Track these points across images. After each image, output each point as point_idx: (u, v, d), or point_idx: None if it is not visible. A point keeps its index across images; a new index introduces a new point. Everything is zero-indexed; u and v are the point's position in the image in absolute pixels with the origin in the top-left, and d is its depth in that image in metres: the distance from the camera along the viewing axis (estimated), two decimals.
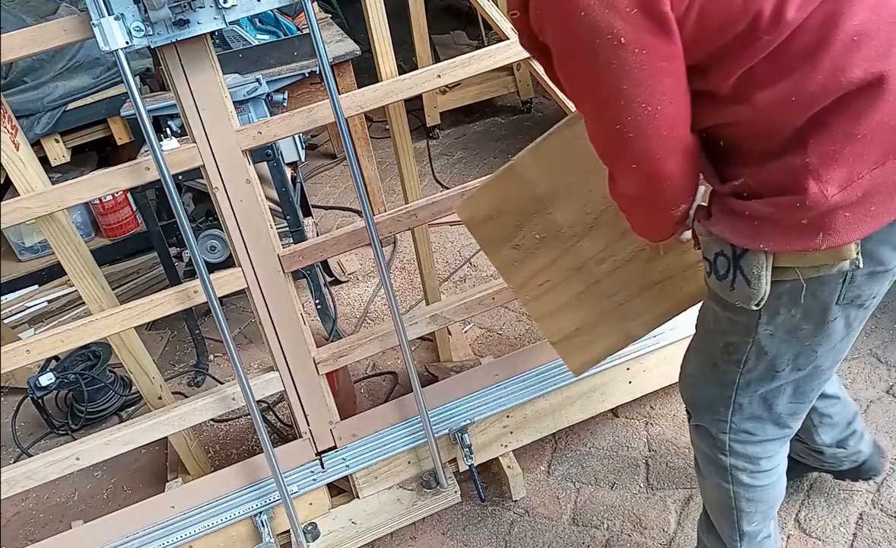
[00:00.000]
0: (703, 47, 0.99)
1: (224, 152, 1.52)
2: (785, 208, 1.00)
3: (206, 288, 1.55)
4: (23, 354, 1.59)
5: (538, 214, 1.53)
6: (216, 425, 2.47)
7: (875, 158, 0.96)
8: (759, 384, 1.23)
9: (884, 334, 2.16)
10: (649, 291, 1.59)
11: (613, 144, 1.06)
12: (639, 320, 1.61)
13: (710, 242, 1.13)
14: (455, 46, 4.33)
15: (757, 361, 1.20)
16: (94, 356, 2.55)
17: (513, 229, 1.54)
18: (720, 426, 1.32)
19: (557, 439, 2.09)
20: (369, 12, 1.59)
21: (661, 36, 0.95)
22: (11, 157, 1.56)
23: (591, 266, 1.57)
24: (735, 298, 1.11)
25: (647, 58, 0.95)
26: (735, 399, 1.27)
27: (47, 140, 3.22)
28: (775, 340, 1.16)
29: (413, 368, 1.73)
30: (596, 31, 0.93)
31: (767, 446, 1.33)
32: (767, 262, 1.05)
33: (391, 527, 1.85)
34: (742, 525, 1.42)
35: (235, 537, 1.84)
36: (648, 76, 0.96)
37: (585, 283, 1.58)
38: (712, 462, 1.38)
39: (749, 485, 1.36)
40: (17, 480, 1.67)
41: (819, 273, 1.05)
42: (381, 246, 1.60)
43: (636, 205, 1.18)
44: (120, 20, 1.30)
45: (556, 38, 1.01)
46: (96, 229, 3.38)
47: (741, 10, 0.94)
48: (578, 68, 1.00)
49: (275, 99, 2.53)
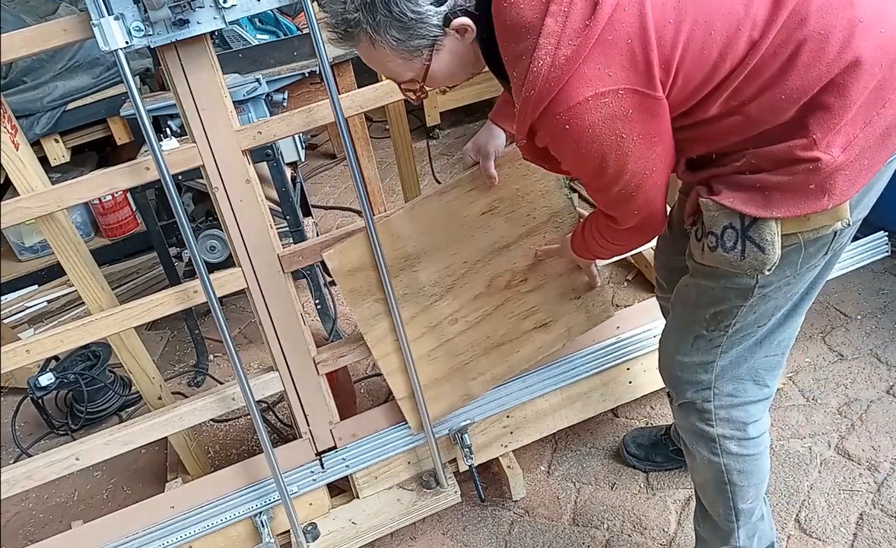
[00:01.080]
0: (687, 101, 1.08)
1: (224, 152, 1.52)
2: (795, 175, 1.06)
3: (206, 288, 1.55)
4: (22, 354, 1.59)
5: (404, 271, 1.66)
6: (216, 425, 2.47)
7: (864, 118, 1.04)
8: (743, 342, 1.29)
9: (884, 334, 2.16)
10: (491, 352, 1.78)
11: (618, 203, 1.17)
12: (479, 379, 1.79)
13: (718, 216, 1.15)
14: None
15: (745, 321, 1.26)
16: (94, 356, 2.55)
17: (378, 283, 1.64)
18: (704, 395, 1.36)
19: (557, 439, 2.09)
20: None
21: (654, 119, 1.05)
22: (11, 157, 1.56)
23: (445, 325, 1.72)
24: (745, 267, 1.15)
25: (644, 140, 1.05)
26: (717, 363, 1.32)
27: (47, 140, 3.22)
28: (767, 298, 1.22)
29: (413, 367, 1.73)
30: (602, 139, 1.02)
31: (750, 409, 1.37)
32: (778, 228, 1.10)
33: (391, 527, 1.85)
34: (737, 502, 1.44)
35: (235, 538, 1.84)
36: (645, 151, 1.07)
37: (438, 341, 1.74)
38: (700, 437, 1.41)
39: (738, 454, 1.39)
40: (17, 480, 1.67)
41: (819, 234, 1.12)
42: (381, 246, 1.61)
43: (634, 232, 1.28)
44: (120, 20, 1.30)
45: (566, 153, 1.09)
46: (96, 229, 3.38)
47: (719, 63, 1.03)
48: (588, 166, 1.09)
49: (275, 99, 2.53)
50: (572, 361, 1.90)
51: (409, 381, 1.73)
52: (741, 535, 1.48)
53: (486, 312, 1.74)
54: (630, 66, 0.98)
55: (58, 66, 3.17)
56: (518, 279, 1.73)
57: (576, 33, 0.95)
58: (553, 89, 0.98)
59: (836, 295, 2.33)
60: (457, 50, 1.08)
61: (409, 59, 1.07)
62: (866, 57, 1.01)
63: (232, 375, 2.45)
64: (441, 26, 1.04)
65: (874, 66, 1.02)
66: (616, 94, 0.98)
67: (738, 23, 1.02)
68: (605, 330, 1.93)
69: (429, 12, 1.02)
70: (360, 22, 1.03)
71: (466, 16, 1.04)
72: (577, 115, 0.99)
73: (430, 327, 1.72)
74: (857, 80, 1.02)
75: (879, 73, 1.02)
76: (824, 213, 1.09)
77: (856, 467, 1.82)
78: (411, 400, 1.76)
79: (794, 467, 1.85)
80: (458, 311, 1.72)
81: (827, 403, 2.00)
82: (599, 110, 0.99)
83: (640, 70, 0.99)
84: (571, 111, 0.99)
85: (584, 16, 0.95)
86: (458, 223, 1.64)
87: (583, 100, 0.98)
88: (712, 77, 1.04)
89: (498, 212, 1.66)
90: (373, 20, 1.02)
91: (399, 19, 1.02)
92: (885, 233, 2.06)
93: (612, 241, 1.35)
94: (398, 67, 1.10)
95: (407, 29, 1.03)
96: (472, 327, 1.75)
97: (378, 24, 1.02)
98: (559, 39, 0.96)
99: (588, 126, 1.00)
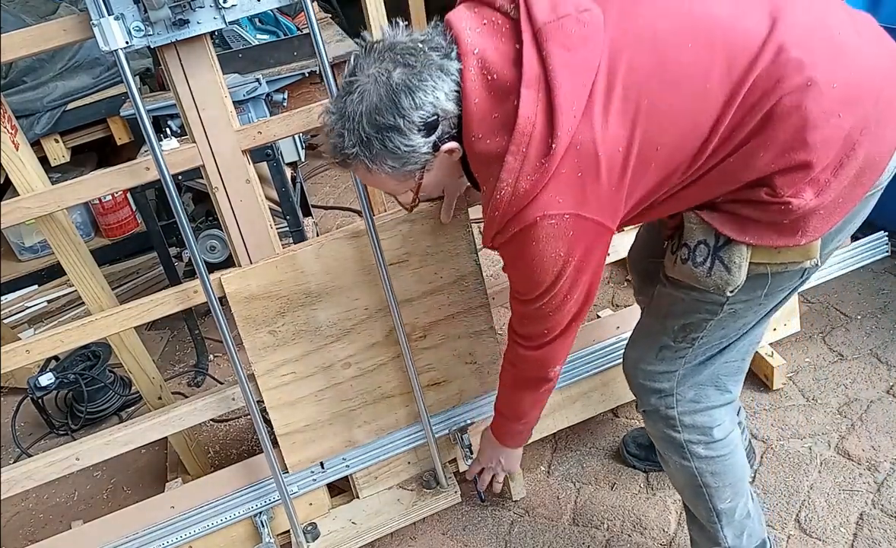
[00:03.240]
0: (647, 199, 1.17)
1: (224, 152, 1.52)
2: (768, 213, 1.12)
3: (205, 288, 1.55)
4: (22, 355, 1.59)
5: (304, 308, 1.66)
6: (216, 425, 2.47)
7: (835, 165, 1.08)
8: (707, 353, 1.33)
9: (884, 334, 2.16)
10: (380, 403, 1.79)
11: (534, 319, 1.26)
12: (365, 428, 1.81)
13: (696, 229, 1.20)
14: None
15: (712, 335, 1.31)
16: (94, 356, 2.55)
17: (275, 315, 1.65)
18: (667, 402, 1.39)
19: (557, 439, 2.09)
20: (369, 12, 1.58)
21: (593, 248, 1.16)
22: (11, 157, 1.55)
23: (337, 368, 1.73)
24: (709, 284, 1.20)
25: (576, 267, 1.16)
26: (678, 372, 1.36)
27: (47, 140, 3.22)
28: (736, 315, 1.27)
29: (413, 367, 1.73)
30: (542, 255, 1.13)
31: (713, 414, 1.40)
32: (748, 254, 1.16)
33: (391, 527, 1.85)
34: (715, 503, 1.46)
35: (235, 538, 1.84)
36: (575, 276, 1.17)
37: (328, 382, 1.74)
38: (669, 443, 1.44)
39: (707, 457, 1.41)
40: (17, 480, 1.67)
41: (786, 269, 1.19)
42: (381, 246, 1.61)
43: (533, 362, 1.36)
44: (120, 20, 1.30)
45: (509, 260, 1.21)
46: (96, 229, 3.38)
47: (671, 176, 1.12)
48: (523, 275, 1.20)
49: (275, 99, 2.53)
50: (572, 361, 1.90)
51: (295, 415, 1.74)
52: (728, 534, 1.49)
53: (381, 361, 1.75)
54: (579, 195, 1.08)
55: (58, 66, 3.16)
56: (417, 335, 1.75)
57: (533, 170, 1.05)
58: (512, 213, 1.10)
59: (836, 295, 2.33)
60: (445, 166, 1.17)
61: (404, 179, 1.17)
62: (818, 116, 1.04)
63: (232, 374, 2.45)
64: (431, 152, 1.12)
65: (831, 118, 1.05)
66: (562, 218, 1.09)
67: (691, 135, 1.08)
68: (606, 330, 1.93)
69: (419, 143, 1.10)
70: (357, 155, 1.12)
71: (452, 140, 1.13)
72: (526, 233, 1.11)
73: (321, 368, 1.72)
74: (819, 140, 1.05)
75: (842, 123, 1.06)
76: (796, 249, 1.15)
77: (856, 467, 1.82)
78: (291, 437, 1.76)
79: (794, 467, 1.85)
80: (352, 356, 1.73)
81: (827, 403, 2.00)
82: (545, 230, 1.10)
83: (587, 198, 1.08)
84: (523, 230, 1.11)
85: (540, 155, 1.05)
86: (364, 269, 1.65)
87: (532, 221, 1.09)
88: (668, 180, 1.13)
89: (406, 265, 1.67)
90: (370, 153, 1.11)
91: (393, 152, 1.10)
92: (885, 233, 2.07)
93: (515, 365, 1.41)
94: (394, 186, 1.19)
95: (400, 159, 1.12)
96: (364, 374, 1.75)
97: (374, 156, 1.11)
98: (518, 175, 1.06)
99: (532, 242, 1.11)
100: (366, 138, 1.09)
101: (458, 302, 1.75)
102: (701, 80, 1.05)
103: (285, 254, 1.62)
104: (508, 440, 1.62)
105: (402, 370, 1.76)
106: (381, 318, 1.71)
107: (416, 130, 1.09)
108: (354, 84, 1.10)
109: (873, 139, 1.09)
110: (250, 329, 1.64)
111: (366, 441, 1.82)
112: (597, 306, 2.52)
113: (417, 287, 1.71)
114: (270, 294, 1.63)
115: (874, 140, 1.09)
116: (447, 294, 1.74)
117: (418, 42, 1.10)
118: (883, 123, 1.10)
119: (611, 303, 2.54)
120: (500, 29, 1.09)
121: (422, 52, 1.08)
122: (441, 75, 1.08)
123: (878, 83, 1.09)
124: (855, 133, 1.07)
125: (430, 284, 1.72)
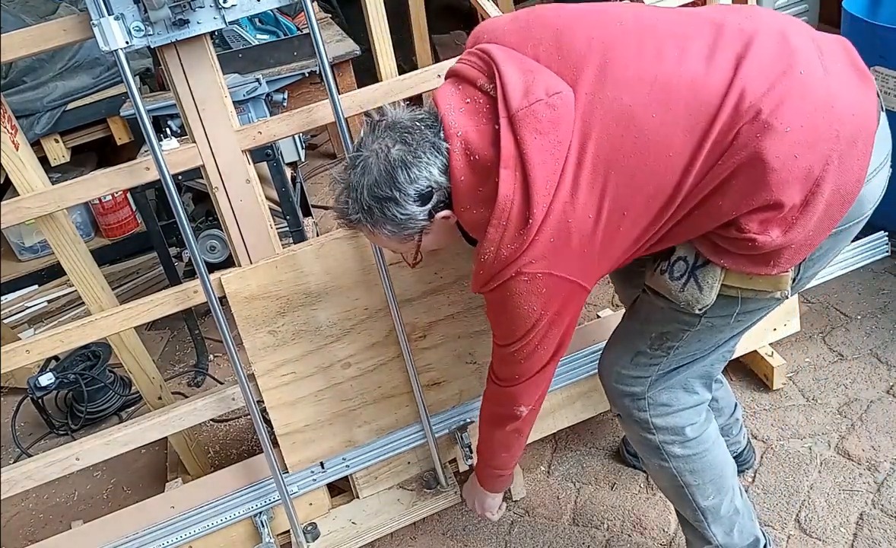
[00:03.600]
0: (618, 263, 1.27)
1: (224, 152, 1.52)
2: (738, 246, 1.18)
3: (205, 288, 1.55)
4: (22, 355, 1.59)
5: (304, 308, 1.66)
6: (216, 425, 2.47)
7: (801, 203, 1.12)
8: (681, 362, 1.38)
9: (884, 334, 2.16)
10: (381, 402, 1.79)
11: (511, 361, 1.34)
12: (365, 427, 1.81)
13: (678, 245, 1.26)
14: (455, 46, 4.33)
15: (688, 346, 1.36)
16: (94, 356, 2.55)
17: (275, 315, 1.66)
18: (639, 405, 1.43)
19: (557, 439, 2.09)
20: (369, 12, 1.58)
21: (566, 304, 1.24)
22: (11, 157, 1.55)
23: (337, 368, 1.73)
24: (680, 299, 1.26)
25: (549, 321, 1.25)
26: (650, 378, 1.40)
27: (47, 140, 3.22)
28: (713, 330, 1.33)
29: (413, 367, 1.73)
30: (517, 307, 1.23)
31: (685, 414, 1.43)
32: (721, 276, 1.22)
33: (391, 527, 1.85)
34: (699, 501, 1.48)
35: (235, 538, 1.84)
36: (547, 329, 1.26)
37: (328, 382, 1.74)
38: (646, 446, 1.47)
39: (684, 456, 1.45)
40: (17, 480, 1.67)
41: (756, 296, 1.24)
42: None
43: (511, 397, 1.42)
44: (120, 20, 1.30)
45: (489, 308, 1.31)
46: (96, 229, 3.38)
47: (641, 236, 1.20)
48: (500, 323, 1.31)
49: (275, 99, 2.53)
50: (572, 361, 1.90)
51: (295, 415, 1.74)
52: (716, 532, 1.50)
53: (381, 361, 1.75)
54: (552, 257, 1.17)
55: (58, 66, 3.16)
56: (417, 334, 1.75)
57: (512, 240, 1.17)
58: (494, 271, 1.21)
59: (836, 295, 2.33)
60: (442, 229, 1.28)
61: (404, 241, 1.28)
62: (774, 159, 1.09)
63: (232, 374, 2.45)
64: (427, 219, 1.23)
65: (787, 161, 1.09)
66: (534, 277, 1.19)
67: (656, 198, 1.16)
68: (606, 330, 1.92)
69: (416, 212, 1.21)
70: (360, 220, 1.23)
71: (447, 209, 1.23)
72: (505, 287, 1.22)
73: (321, 368, 1.72)
74: (778, 182, 1.10)
75: (799, 163, 1.10)
76: (767, 278, 1.21)
77: (856, 467, 1.82)
78: (291, 437, 1.76)
79: (794, 467, 1.85)
80: (352, 356, 1.73)
81: (827, 403, 2.00)
82: (521, 285, 1.20)
83: (559, 261, 1.18)
84: (503, 284, 1.22)
85: (519, 227, 1.15)
86: (364, 270, 1.66)
87: (509, 277, 1.20)
88: (638, 240, 1.21)
89: (406, 265, 1.66)
90: (371, 220, 1.22)
91: (392, 220, 1.21)
92: (885, 233, 2.07)
93: (489, 399, 1.50)
94: (396, 246, 1.31)
95: (399, 224, 1.22)
96: (364, 374, 1.75)
97: (375, 222, 1.22)
98: (499, 244, 1.18)
99: (510, 295, 1.22)
100: (367, 207, 1.21)
101: (458, 302, 1.75)
102: (665, 148, 1.12)
103: (285, 254, 1.62)
104: (486, 483, 1.68)
105: (402, 370, 1.76)
106: (381, 318, 1.71)
107: (411, 201, 1.19)
108: (359, 158, 1.21)
109: (838, 173, 1.13)
110: (250, 329, 1.64)
111: (366, 441, 1.82)
112: (596, 306, 2.52)
113: (417, 287, 1.71)
114: (270, 294, 1.63)
115: (840, 174, 1.13)
116: (447, 294, 1.73)
117: (416, 120, 1.21)
118: (847, 157, 1.13)
119: (611, 303, 2.54)
120: (480, 109, 1.19)
121: (418, 131, 1.19)
122: (434, 152, 1.19)
123: (839, 119, 1.11)
124: (816, 169, 1.11)
125: (430, 284, 1.72)
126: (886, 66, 2.17)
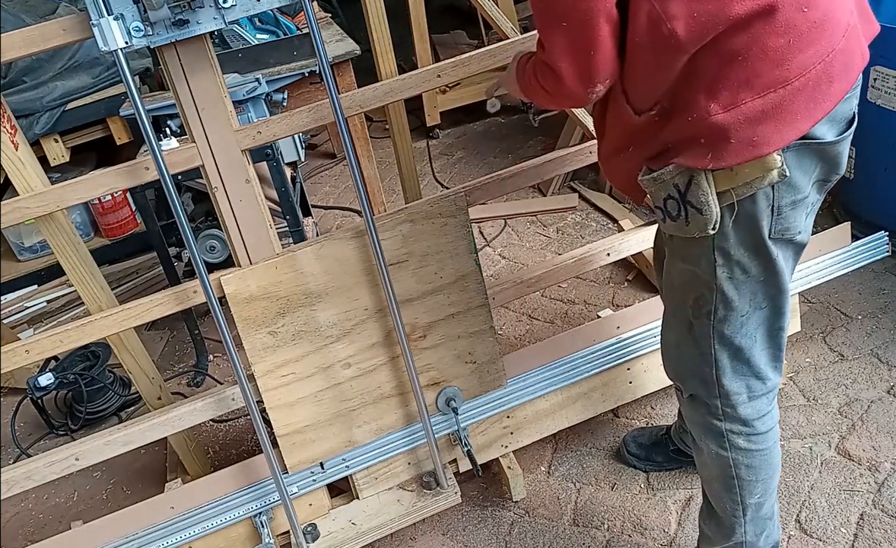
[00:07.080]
0: None
1: (223, 152, 1.52)
2: (683, 129, 1.14)
3: (205, 288, 1.55)
4: (22, 355, 1.59)
5: (304, 308, 1.66)
6: (216, 426, 2.47)
7: (760, 87, 1.08)
8: (731, 333, 1.32)
9: (884, 334, 2.16)
10: (381, 402, 1.79)
11: (551, 25, 1.17)
12: (365, 428, 1.80)
13: (657, 189, 1.22)
14: (455, 46, 4.33)
15: (723, 309, 1.29)
16: (94, 356, 2.55)
17: (275, 316, 1.65)
18: (710, 391, 1.38)
19: (558, 440, 2.09)
20: (369, 12, 1.59)
21: None
22: (10, 156, 1.55)
23: (337, 368, 1.73)
24: (692, 230, 1.20)
25: None
26: (715, 357, 1.34)
27: (46, 140, 3.22)
28: (734, 282, 1.26)
29: (413, 367, 1.72)
30: None
31: (756, 405, 1.39)
32: (710, 186, 1.15)
33: (391, 528, 1.85)
34: (744, 497, 1.44)
35: (235, 538, 1.84)
36: None
37: (328, 383, 1.74)
38: (709, 431, 1.42)
39: (747, 449, 1.41)
40: (17, 480, 1.67)
41: (752, 189, 1.15)
42: (381, 246, 1.61)
43: (558, 81, 1.23)
44: (119, 20, 1.30)
45: None
46: (96, 229, 3.37)
47: None
48: None
49: (274, 99, 2.53)
50: (573, 361, 1.90)
51: (295, 416, 1.74)
52: (748, 530, 1.47)
53: (381, 361, 1.75)
54: None
55: (57, 65, 3.16)
56: (417, 335, 1.75)
57: None
58: None
59: (837, 295, 2.32)
60: None
61: None
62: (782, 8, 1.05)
63: (231, 375, 2.45)
64: None
65: None
66: None
67: None
68: (606, 330, 1.93)
69: None
70: None
71: None
72: None
73: (321, 368, 1.72)
74: (760, 37, 1.06)
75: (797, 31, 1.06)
76: (754, 163, 1.12)
77: (856, 467, 1.82)
78: (291, 438, 1.76)
79: (795, 467, 1.85)
80: (352, 356, 1.73)
81: (827, 403, 2.00)
82: None
83: None
84: None
85: None
86: (364, 270, 1.66)
87: None
88: None
89: (406, 266, 1.67)
90: None
91: None
92: (885, 233, 2.06)
93: (539, 76, 1.30)
94: None
95: None
96: (364, 374, 1.75)
97: None
98: None
99: None
100: None
101: (458, 302, 1.75)
102: None
103: (285, 254, 1.62)
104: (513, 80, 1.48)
105: (402, 370, 1.76)
106: (381, 318, 1.71)
107: None
108: None
109: (805, 46, 1.09)
110: (250, 330, 1.64)
111: (366, 441, 1.82)
112: (596, 306, 2.52)
113: (417, 287, 1.71)
114: (270, 294, 1.63)
115: (807, 45, 1.09)
116: (447, 294, 1.73)
117: None
118: (815, 30, 1.09)
119: (611, 303, 2.54)
120: None
121: None
122: None
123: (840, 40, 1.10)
124: (793, 51, 1.08)
125: (430, 284, 1.72)
126: (886, 66, 2.17)
